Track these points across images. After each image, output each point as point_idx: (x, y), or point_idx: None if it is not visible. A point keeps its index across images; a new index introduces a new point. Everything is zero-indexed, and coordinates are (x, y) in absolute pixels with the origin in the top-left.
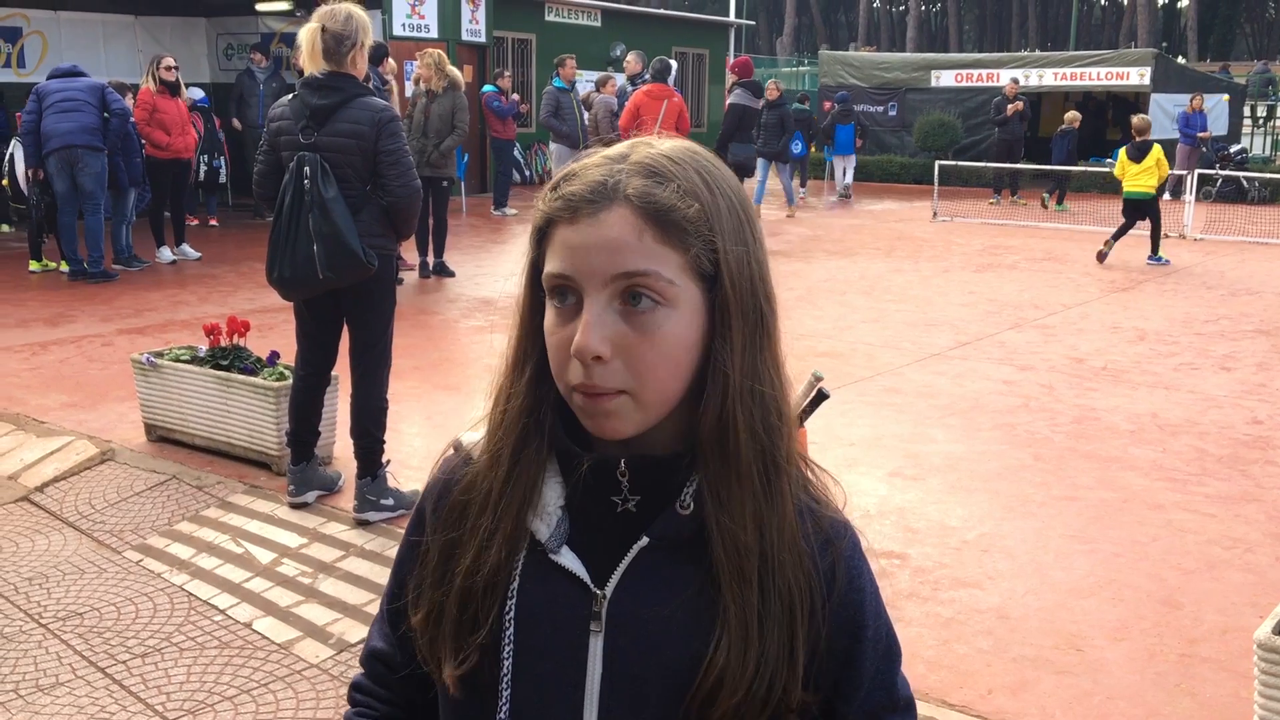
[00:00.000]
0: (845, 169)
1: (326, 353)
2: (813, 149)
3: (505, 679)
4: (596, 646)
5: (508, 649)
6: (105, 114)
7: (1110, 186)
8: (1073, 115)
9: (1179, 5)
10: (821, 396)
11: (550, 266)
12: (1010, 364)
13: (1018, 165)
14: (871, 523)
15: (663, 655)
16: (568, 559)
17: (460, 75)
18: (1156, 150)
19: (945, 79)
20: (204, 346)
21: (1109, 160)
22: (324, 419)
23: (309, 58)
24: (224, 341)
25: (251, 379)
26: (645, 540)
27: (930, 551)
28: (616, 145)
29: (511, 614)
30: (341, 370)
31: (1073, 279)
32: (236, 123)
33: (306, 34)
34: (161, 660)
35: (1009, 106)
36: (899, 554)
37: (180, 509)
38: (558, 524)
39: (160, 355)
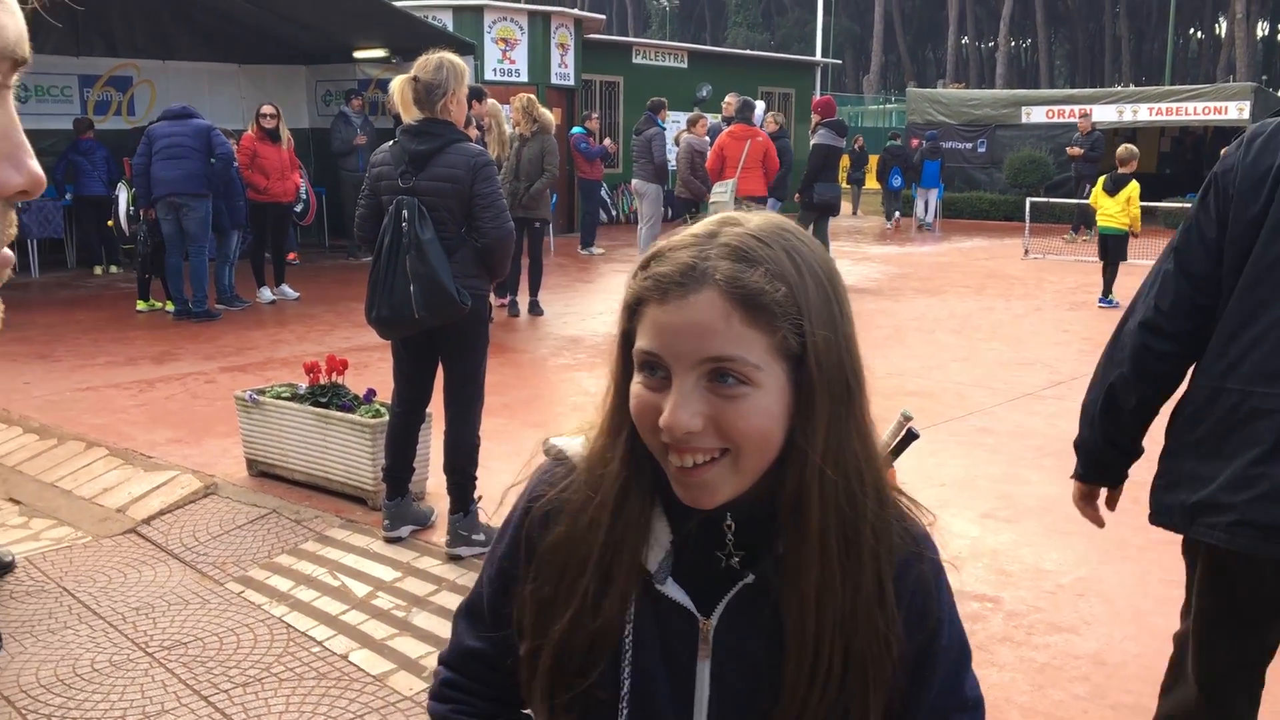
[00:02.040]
0: (928, 201)
1: (422, 390)
2: (907, 188)
3: (624, 703)
4: (704, 671)
5: (626, 674)
6: (211, 158)
7: None
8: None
9: (1279, 38)
10: (911, 436)
11: (641, 343)
12: None
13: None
14: (964, 565)
15: (761, 683)
16: (673, 590)
17: (550, 118)
18: (1130, 188)
19: (1036, 115)
20: (303, 384)
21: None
22: (418, 455)
23: (402, 107)
24: (323, 379)
25: (349, 416)
26: (751, 578)
27: (1024, 595)
28: (706, 221)
29: (630, 641)
30: (436, 408)
31: None
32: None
33: (398, 85)
34: (262, 690)
35: (1068, 149)
36: (992, 597)
37: (280, 542)
38: (665, 557)
39: (262, 392)
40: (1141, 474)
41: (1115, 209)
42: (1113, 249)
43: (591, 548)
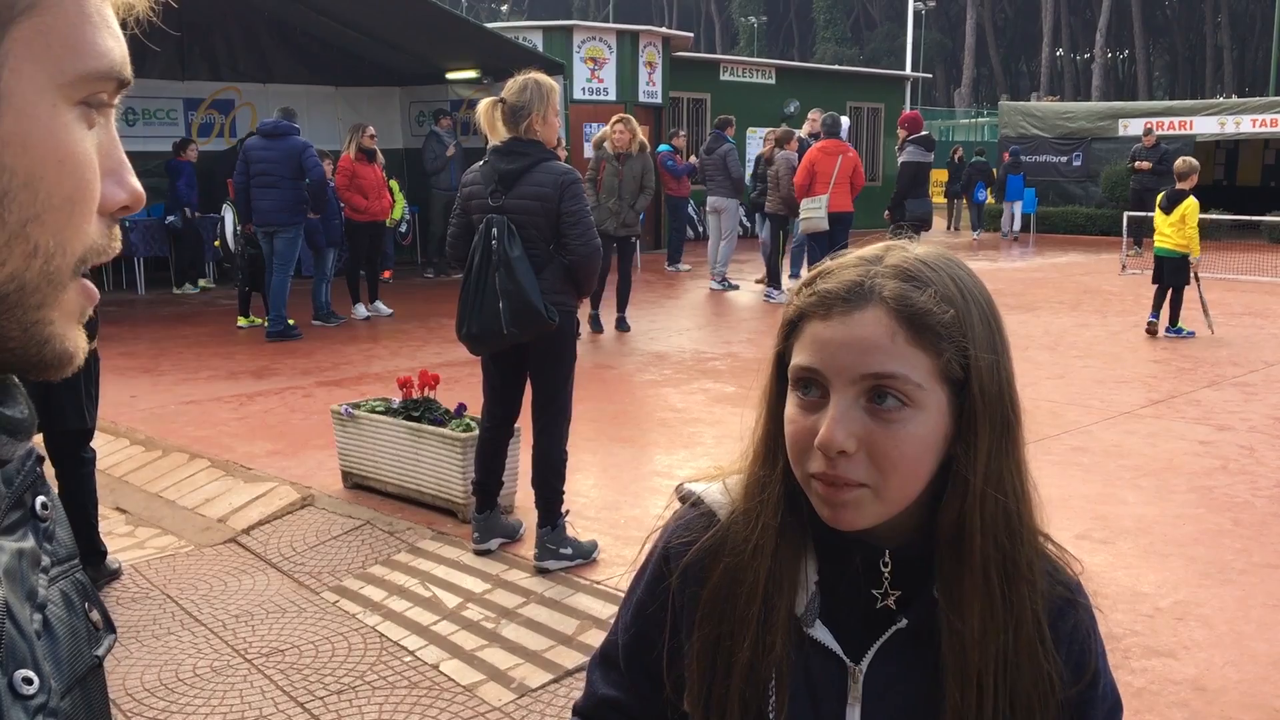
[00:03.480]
0: (1014, 214)
1: (511, 405)
2: (991, 198)
3: None
4: (854, 717)
5: (772, 718)
6: (306, 179)
7: None
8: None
9: None
10: None
11: (799, 359)
12: (1207, 424)
13: (1212, 215)
14: None
15: None
16: (821, 633)
17: (644, 138)
18: (1187, 204)
19: (1134, 128)
20: (397, 398)
21: None
22: (507, 469)
23: (487, 129)
24: (415, 394)
25: (440, 430)
26: (904, 622)
27: (1121, 618)
28: (871, 247)
29: (774, 685)
30: (524, 422)
31: (1275, 335)
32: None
33: (484, 107)
34: (355, 698)
35: (1135, 164)
36: None
37: (373, 553)
38: (813, 598)
39: (357, 406)
40: (1245, 494)
41: (1169, 229)
42: (1169, 274)
43: (757, 582)
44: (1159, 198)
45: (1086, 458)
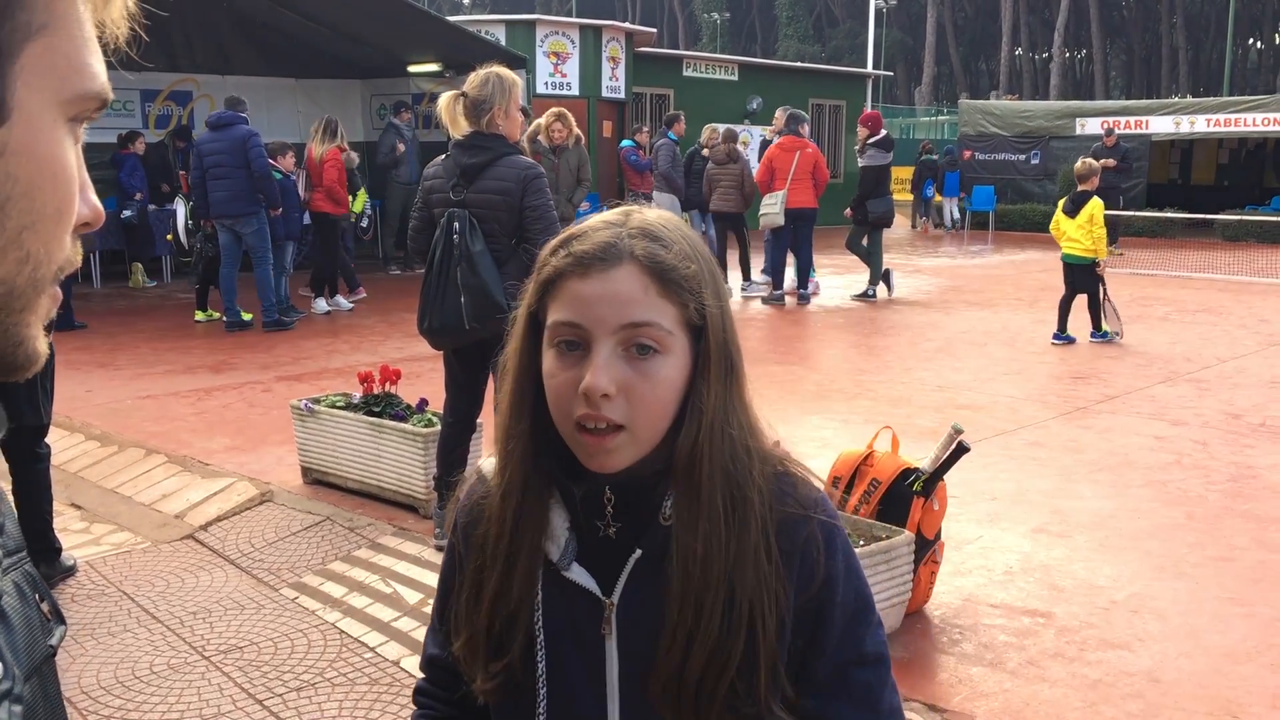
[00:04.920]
0: (952, 209)
1: (473, 400)
2: (938, 196)
3: (541, 682)
4: (612, 648)
5: (541, 656)
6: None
7: (1267, 235)
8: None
9: None
10: (961, 449)
11: (559, 315)
12: (1162, 419)
13: (1168, 213)
14: (1014, 579)
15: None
16: (578, 574)
17: (578, 130)
18: (1091, 206)
19: (1091, 126)
20: (357, 393)
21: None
22: (469, 464)
23: (449, 123)
24: (376, 389)
25: (401, 425)
26: (639, 553)
27: (1077, 611)
28: (611, 211)
29: (540, 626)
30: (486, 418)
31: (1227, 331)
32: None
33: (445, 101)
34: (315, 695)
35: (1101, 161)
36: (1044, 612)
37: (333, 549)
38: (566, 544)
39: (317, 401)
40: (1198, 488)
41: (1077, 232)
42: (1079, 280)
43: (502, 533)
44: (1062, 201)
45: (1043, 452)
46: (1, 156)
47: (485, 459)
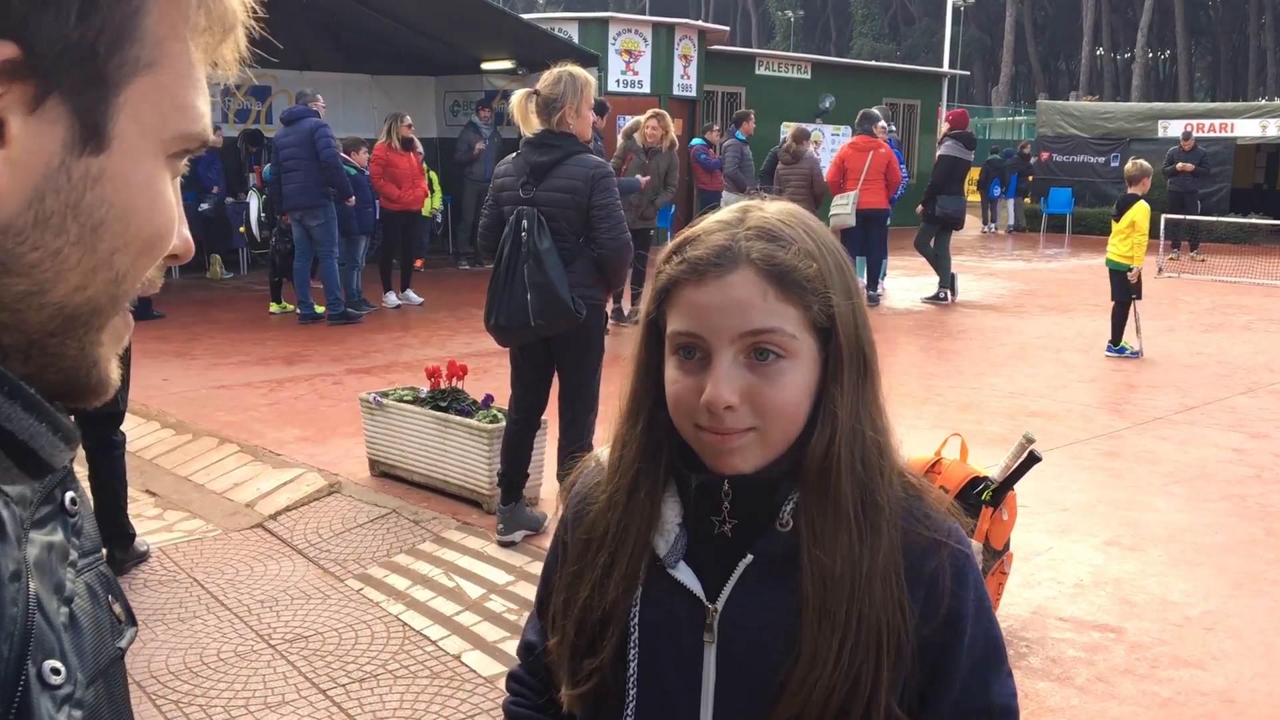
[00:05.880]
0: (1008, 209)
1: (538, 397)
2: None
3: (631, 683)
4: (710, 656)
5: (633, 655)
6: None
7: None
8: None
9: None
10: (1033, 459)
11: (677, 325)
12: (1241, 431)
13: (1252, 219)
14: (1084, 593)
15: (768, 664)
16: (684, 574)
17: (675, 136)
18: (1135, 210)
19: (1174, 129)
20: (425, 388)
21: None
22: (533, 461)
23: (520, 121)
24: (444, 384)
25: (467, 420)
26: (750, 558)
27: (1149, 627)
28: (729, 209)
29: (636, 623)
30: (551, 415)
31: None
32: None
33: (517, 99)
34: (377, 686)
35: (1178, 165)
36: (1114, 627)
37: (399, 542)
38: (675, 540)
39: (385, 395)
40: (1279, 503)
41: (1116, 237)
42: (1113, 287)
43: (610, 525)
44: (1114, 205)
45: (1117, 463)
46: (99, 182)
47: (601, 448)
